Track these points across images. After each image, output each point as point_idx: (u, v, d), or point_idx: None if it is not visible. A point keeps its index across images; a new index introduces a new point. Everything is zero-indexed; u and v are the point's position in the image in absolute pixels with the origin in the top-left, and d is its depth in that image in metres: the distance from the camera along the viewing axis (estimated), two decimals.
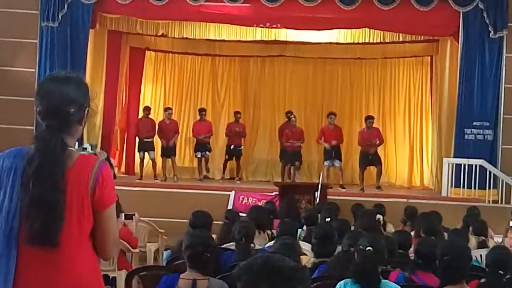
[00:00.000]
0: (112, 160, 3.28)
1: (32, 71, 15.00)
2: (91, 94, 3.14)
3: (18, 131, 13.22)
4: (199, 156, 16.29)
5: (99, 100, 15.06)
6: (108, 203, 2.99)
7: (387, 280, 4.89)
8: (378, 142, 15.31)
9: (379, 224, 8.78)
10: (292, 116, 16.15)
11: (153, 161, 16.07)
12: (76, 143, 3.15)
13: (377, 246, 4.92)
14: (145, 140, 15.94)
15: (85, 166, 2.94)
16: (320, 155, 16.58)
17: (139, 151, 16.18)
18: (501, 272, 5.03)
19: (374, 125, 15.66)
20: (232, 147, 16.51)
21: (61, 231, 2.87)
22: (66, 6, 14.96)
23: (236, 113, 16.87)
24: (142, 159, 16.06)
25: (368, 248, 4.86)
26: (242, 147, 16.66)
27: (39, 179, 2.86)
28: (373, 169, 15.61)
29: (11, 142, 3.01)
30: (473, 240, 7.96)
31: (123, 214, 8.95)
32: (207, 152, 16.33)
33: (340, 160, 15.68)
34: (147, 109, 16.51)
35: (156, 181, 15.46)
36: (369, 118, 15.60)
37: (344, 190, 15.06)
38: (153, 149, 16.04)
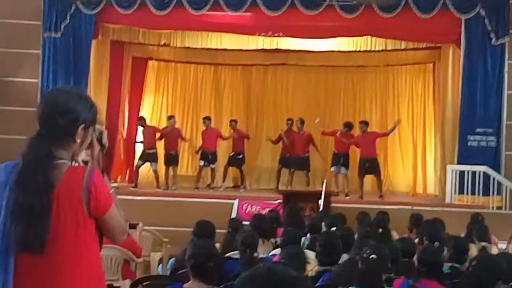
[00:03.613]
0: (104, 139, 3.22)
1: (35, 81, 15.04)
2: (97, 116, 3.13)
3: (21, 142, 13.17)
4: (201, 164, 16.27)
5: (103, 110, 15.12)
6: (107, 208, 3.00)
7: None
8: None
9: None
10: (294, 122, 16.23)
11: (155, 173, 16.05)
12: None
13: (381, 254, 4.92)
14: (148, 151, 15.93)
15: (75, 178, 2.92)
16: (325, 162, 16.62)
17: (139, 159, 16.12)
18: None
19: (371, 130, 15.65)
20: (232, 154, 16.52)
21: (54, 239, 2.86)
22: (68, 17, 15.03)
23: (231, 121, 16.82)
24: (138, 167, 16.07)
25: (372, 256, 4.86)
26: (242, 156, 16.59)
27: (21, 184, 2.86)
28: (373, 178, 15.58)
29: (14, 153, 3.00)
30: (473, 249, 7.94)
31: (127, 224, 8.94)
32: (211, 165, 16.30)
33: (347, 168, 15.65)
34: (141, 119, 16.43)
35: (158, 190, 15.43)
36: (361, 123, 15.54)
37: (348, 197, 15.02)
38: (156, 161, 16.04)
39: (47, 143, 2.94)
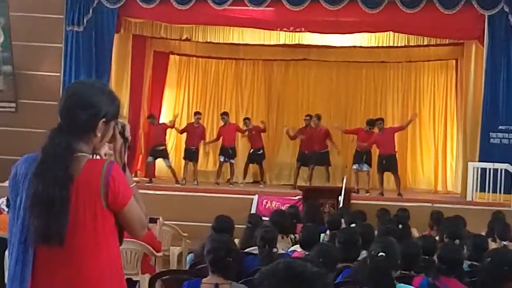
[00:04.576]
0: (127, 132, 3.18)
1: (57, 75, 15.12)
2: (120, 110, 3.12)
3: (42, 135, 13.27)
4: (221, 160, 16.30)
5: (125, 104, 15.18)
6: (125, 202, 2.98)
7: (403, 284, 4.83)
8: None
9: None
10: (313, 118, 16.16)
11: (171, 168, 16.10)
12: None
13: (390, 251, 4.87)
14: (156, 148, 15.99)
15: (94, 171, 2.92)
16: (345, 159, 16.58)
17: (151, 155, 16.17)
18: None
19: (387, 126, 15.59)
20: (251, 151, 16.52)
21: (73, 231, 2.86)
22: (91, 11, 15.09)
23: (262, 121, 16.80)
24: (149, 163, 16.18)
25: (381, 253, 4.82)
26: (262, 151, 16.60)
27: (41, 176, 2.86)
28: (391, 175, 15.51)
29: (36, 147, 3.00)
30: (492, 246, 7.88)
31: (147, 218, 8.97)
32: (231, 160, 16.31)
33: (369, 165, 15.57)
34: (151, 116, 16.47)
35: (177, 185, 15.47)
36: (378, 120, 15.47)
37: (368, 194, 14.96)
38: (167, 157, 16.08)
39: (67, 136, 2.94)
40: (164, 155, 16.04)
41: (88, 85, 3.10)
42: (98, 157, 3.06)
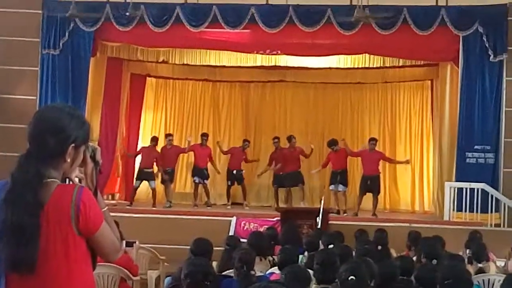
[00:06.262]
0: (98, 156, 3.13)
1: (33, 98, 15.05)
2: (90, 134, 3.08)
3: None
4: (196, 181, 16.29)
5: (98, 126, 15.19)
6: (97, 227, 2.93)
7: None
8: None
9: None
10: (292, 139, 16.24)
11: (154, 191, 16.04)
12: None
13: (359, 273, 4.86)
14: (145, 170, 15.93)
15: (64, 197, 2.87)
16: (322, 179, 16.62)
17: (137, 179, 16.16)
18: None
19: (376, 149, 15.68)
20: (234, 171, 16.50)
21: (45, 259, 2.81)
22: (67, 34, 15.06)
23: (244, 141, 16.91)
24: (136, 188, 16.11)
25: (351, 277, 4.80)
26: (244, 171, 16.65)
27: (10, 203, 2.81)
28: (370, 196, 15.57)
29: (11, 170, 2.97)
30: (470, 270, 7.88)
31: (124, 242, 8.91)
32: (205, 181, 16.31)
33: (345, 185, 15.64)
34: (154, 139, 16.53)
35: (155, 208, 15.37)
36: (372, 140, 15.61)
37: (345, 214, 15.00)
38: (154, 179, 16.02)
39: (36, 162, 2.89)
40: (152, 177, 16.01)
41: (57, 110, 3.05)
42: (72, 181, 3.02)
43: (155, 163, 16.10)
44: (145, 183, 16.14)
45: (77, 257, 2.92)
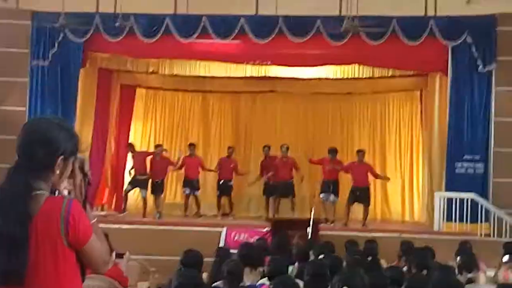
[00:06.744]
0: (86, 167, 3.12)
1: (22, 110, 15.00)
2: (79, 146, 3.06)
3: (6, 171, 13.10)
4: (187, 192, 16.25)
5: (88, 137, 15.13)
6: (86, 239, 2.93)
7: None
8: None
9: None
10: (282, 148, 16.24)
11: (144, 200, 15.98)
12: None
13: (352, 284, 4.86)
14: (139, 177, 15.90)
15: (53, 209, 2.86)
16: (312, 189, 16.63)
17: (129, 184, 16.11)
18: None
19: (365, 161, 15.70)
20: (221, 182, 16.47)
21: (34, 271, 2.80)
22: (56, 45, 15.04)
23: (229, 148, 16.88)
24: (127, 192, 16.02)
25: (345, 287, 4.80)
26: (232, 182, 16.61)
27: (1, 215, 2.81)
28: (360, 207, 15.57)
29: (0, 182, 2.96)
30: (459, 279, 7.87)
31: (114, 253, 8.88)
32: (195, 192, 16.27)
33: (336, 195, 15.65)
34: (130, 145, 16.60)
35: (145, 219, 15.32)
36: (359, 151, 15.65)
37: (332, 224, 14.99)
38: (146, 187, 15.98)
39: (25, 174, 2.89)
40: (144, 185, 15.96)
41: (46, 122, 3.05)
42: (60, 194, 3.02)
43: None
44: (135, 191, 16.07)
45: (66, 269, 2.90)
